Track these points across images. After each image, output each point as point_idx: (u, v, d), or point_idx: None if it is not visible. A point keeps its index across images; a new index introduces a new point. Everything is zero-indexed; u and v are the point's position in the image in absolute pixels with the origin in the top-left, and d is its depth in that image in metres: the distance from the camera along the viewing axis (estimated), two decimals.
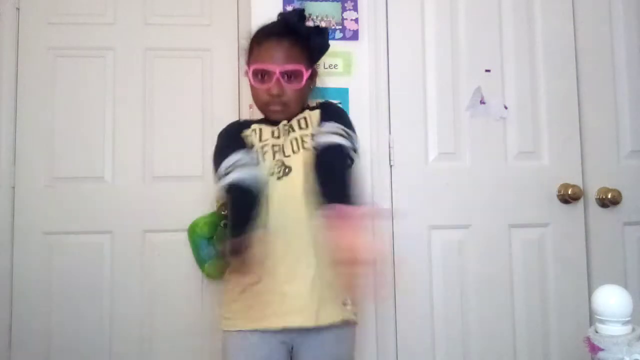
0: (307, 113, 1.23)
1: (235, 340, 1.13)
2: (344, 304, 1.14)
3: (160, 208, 1.76)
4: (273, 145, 1.18)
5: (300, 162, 1.15)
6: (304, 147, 1.16)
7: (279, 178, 1.14)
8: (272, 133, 1.21)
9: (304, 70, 1.17)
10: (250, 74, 1.19)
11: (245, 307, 1.13)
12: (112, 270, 1.75)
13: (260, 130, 1.22)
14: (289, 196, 1.13)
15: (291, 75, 1.17)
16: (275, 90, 1.16)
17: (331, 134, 1.16)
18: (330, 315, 1.11)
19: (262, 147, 1.18)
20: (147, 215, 1.76)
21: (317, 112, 1.22)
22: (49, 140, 1.77)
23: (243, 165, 1.12)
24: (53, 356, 1.71)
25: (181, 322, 1.75)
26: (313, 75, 1.25)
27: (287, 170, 1.15)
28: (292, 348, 1.15)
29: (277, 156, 1.17)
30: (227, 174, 1.11)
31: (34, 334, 1.71)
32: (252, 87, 1.22)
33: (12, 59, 1.77)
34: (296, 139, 1.18)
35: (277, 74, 1.15)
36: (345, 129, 1.16)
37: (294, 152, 1.17)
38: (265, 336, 1.11)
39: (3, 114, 1.76)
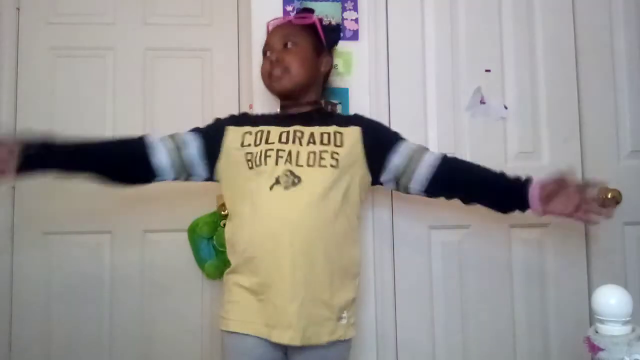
0: (334, 128, 1.19)
1: (232, 339, 1.14)
2: (339, 319, 1.13)
3: (160, 208, 1.76)
4: (278, 151, 1.15)
5: (314, 178, 1.12)
6: (320, 165, 1.13)
7: (286, 188, 1.11)
8: (280, 137, 1.17)
9: (306, 39, 1.25)
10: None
11: (241, 310, 1.13)
12: (112, 270, 1.75)
13: (269, 132, 1.18)
14: (293, 208, 1.10)
15: (293, 44, 1.23)
16: (274, 57, 1.22)
17: (419, 152, 1.22)
18: (319, 335, 1.10)
19: (266, 152, 1.15)
20: (147, 215, 1.76)
21: (353, 130, 1.20)
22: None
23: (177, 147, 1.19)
24: (53, 356, 1.71)
25: (181, 322, 1.75)
26: (322, 54, 1.29)
27: (296, 180, 1.11)
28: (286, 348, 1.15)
29: (286, 164, 1.13)
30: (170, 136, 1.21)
31: (34, 334, 1.71)
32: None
33: (12, 59, 1.77)
34: (314, 153, 1.15)
35: (279, 45, 1.23)
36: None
37: (309, 165, 1.13)
38: (259, 338, 1.11)
39: (3, 114, 1.75)
